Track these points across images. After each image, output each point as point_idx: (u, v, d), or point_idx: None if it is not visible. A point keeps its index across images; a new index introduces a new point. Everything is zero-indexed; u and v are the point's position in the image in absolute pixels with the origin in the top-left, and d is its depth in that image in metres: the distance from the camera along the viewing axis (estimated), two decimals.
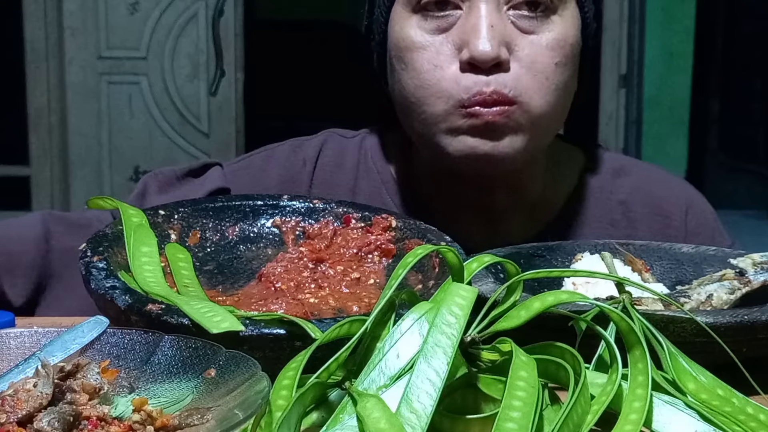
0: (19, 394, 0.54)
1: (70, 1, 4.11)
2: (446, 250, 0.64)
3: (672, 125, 5.26)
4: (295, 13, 5.93)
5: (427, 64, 0.91)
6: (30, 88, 4.24)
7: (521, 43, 0.91)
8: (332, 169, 1.06)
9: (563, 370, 0.58)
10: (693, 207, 1.08)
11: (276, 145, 1.09)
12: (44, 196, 4.30)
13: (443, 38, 0.91)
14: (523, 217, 1.03)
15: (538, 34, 0.91)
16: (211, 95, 4.23)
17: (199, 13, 4.19)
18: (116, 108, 4.21)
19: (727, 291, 0.78)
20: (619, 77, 4.88)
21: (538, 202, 1.03)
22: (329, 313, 0.78)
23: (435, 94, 0.91)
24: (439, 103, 0.91)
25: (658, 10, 4.98)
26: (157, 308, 0.69)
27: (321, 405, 0.57)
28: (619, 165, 1.09)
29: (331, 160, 1.06)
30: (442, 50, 0.91)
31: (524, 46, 0.91)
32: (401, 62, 0.94)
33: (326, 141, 1.08)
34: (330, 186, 1.05)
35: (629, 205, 1.06)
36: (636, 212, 1.05)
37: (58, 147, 4.26)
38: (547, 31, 0.92)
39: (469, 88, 0.90)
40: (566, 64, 0.93)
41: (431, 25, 0.92)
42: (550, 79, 0.91)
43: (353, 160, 1.06)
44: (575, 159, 1.08)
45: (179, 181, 1.04)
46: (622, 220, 1.05)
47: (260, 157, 1.08)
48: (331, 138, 1.09)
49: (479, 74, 0.89)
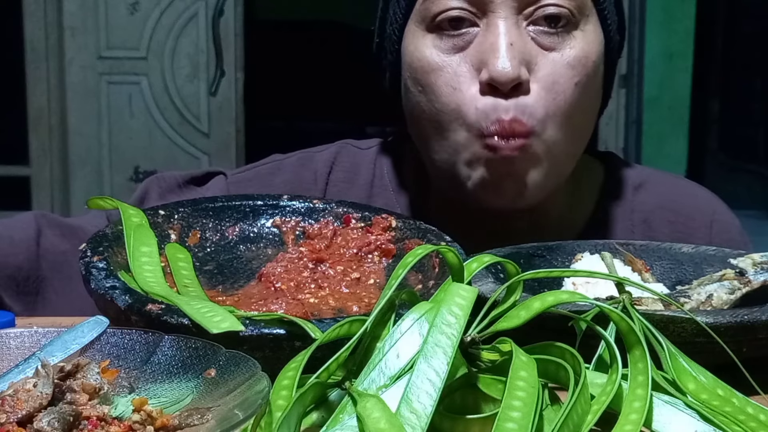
0: (19, 394, 0.54)
1: (70, 1, 4.11)
2: (446, 250, 0.64)
3: (672, 125, 5.26)
4: (295, 13, 5.93)
5: (445, 87, 0.88)
6: (30, 88, 4.24)
7: (541, 61, 0.88)
8: (345, 185, 1.03)
9: (563, 370, 0.58)
10: (718, 222, 1.05)
11: (284, 157, 1.06)
12: (44, 196, 4.30)
13: (460, 58, 0.88)
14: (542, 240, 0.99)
15: (559, 51, 0.88)
16: (211, 95, 4.23)
17: (199, 13, 4.19)
18: (116, 108, 4.21)
19: (727, 291, 0.78)
20: (619, 77, 4.87)
21: (557, 226, 1.00)
22: (329, 313, 0.78)
23: (455, 120, 0.88)
24: (460, 131, 0.88)
25: (658, 10, 4.98)
26: (157, 308, 0.69)
27: (321, 405, 0.57)
28: (640, 180, 1.05)
29: (344, 175, 1.03)
30: (460, 71, 0.88)
31: (545, 64, 0.88)
32: (418, 84, 0.90)
33: (339, 153, 1.04)
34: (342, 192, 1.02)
35: (651, 224, 1.03)
36: (658, 232, 1.02)
37: (58, 147, 4.26)
38: (569, 47, 0.89)
39: (489, 113, 0.86)
40: (587, 84, 0.90)
41: (447, 44, 0.89)
42: (568, 102, 0.88)
43: (367, 177, 1.03)
44: (595, 176, 1.05)
45: (181, 189, 1.02)
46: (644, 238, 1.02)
47: (267, 168, 1.05)
48: (345, 150, 1.05)
49: (499, 97, 0.86)
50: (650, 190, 1.04)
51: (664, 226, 1.03)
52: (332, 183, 1.02)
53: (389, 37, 0.95)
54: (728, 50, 5.74)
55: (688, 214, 1.04)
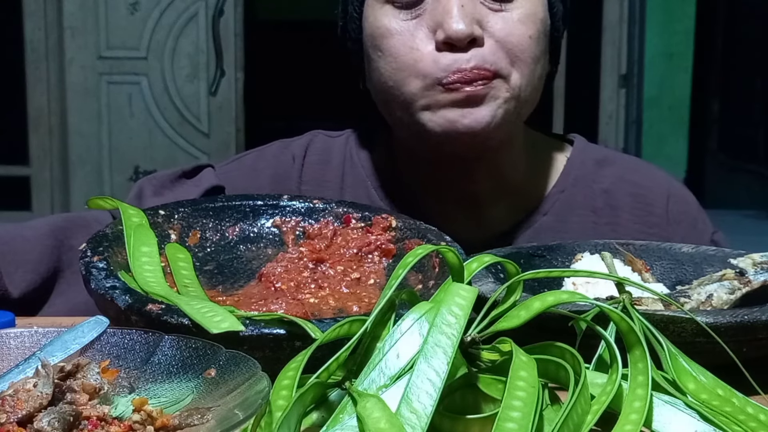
0: (19, 394, 0.54)
1: (70, 1, 4.11)
2: (446, 250, 0.64)
3: (672, 125, 5.27)
4: (295, 13, 5.93)
5: (403, 48, 0.93)
6: (30, 88, 4.24)
7: (493, 19, 0.93)
8: (320, 167, 1.07)
9: (563, 370, 0.58)
10: (674, 195, 1.09)
11: (265, 146, 1.12)
12: (44, 196, 4.30)
13: (417, 23, 0.93)
14: (507, 204, 1.04)
15: (508, 11, 0.94)
16: (211, 95, 4.23)
17: (199, 13, 4.19)
18: (116, 108, 4.22)
19: (727, 291, 0.78)
20: (619, 77, 4.88)
21: (522, 189, 1.04)
22: (329, 313, 0.78)
23: (413, 74, 0.93)
24: (416, 81, 0.93)
25: (658, 11, 4.99)
26: (157, 308, 0.69)
27: (321, 405, 0.57)
28: (602, 156, 1.10)
29: (318, 158, 1.08)
30: (417, 34, 0.93)
31: (496, 21, 0.93)
32: (377, 50, 0.96)
33: (312, 140, 1.10)
34: (319, 183, 1.07)
35: (612, 193, 1.07)
36: (618, 200, 1.07)
37: (58, 147, 4.27)
38: (516, 8, 0.94)
39: (449, 65, 0.91)
40: (539, 38, 0.95)
41: (403, 12, 0.94)
42: (525, 52, 0.94)
43: (339, 158, 1.08)
44: (558, 150, 1.09)
45: (173, 184, 1.06)
46: (605, 208, 1.06)
47: (251, 157, 1.11)
48: (317, 137, 1.11)
49: (457, 52, 0.91)
50: (611, 165, 1.09)
51: (625, 197, 1.07)
52: (307, 165, 1.07)
53: (351, 16, 1.01)
54: (728, 50, 5.74)
55: (646, 186, 1.08)
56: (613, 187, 1.07)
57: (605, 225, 1.05)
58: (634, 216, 1.06)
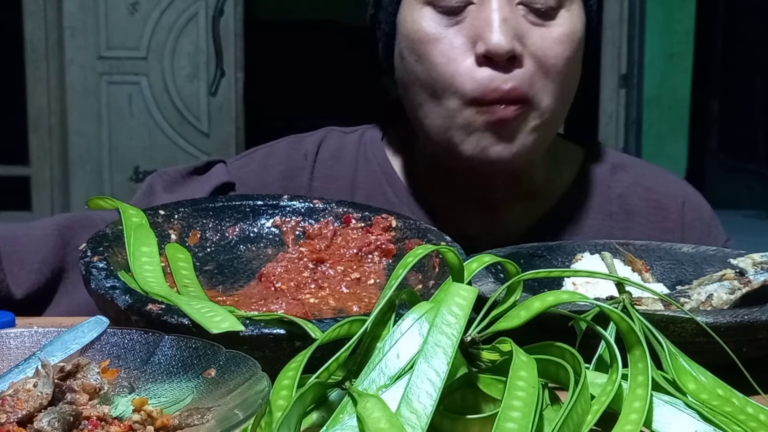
0: (19, 394, 0.54)
1: (70, 1, 4.11)
2: (446, 250, 0.64)
3: (672, 125, 5.26)
4: (295, 13, 5.93)
5: (441, 57, 0.91)
6: (30, 88, 4.24)
7: (533, 35, 0.91)
8: (332, 163, 1.06)
9: (563, 370, 0.58)
10: (689, 201, 1.09)
11: (276, 141, 1.11)
12: (44, 196, 4.30)
13: (456, 30, 0.92)
14: (523, 206, 1.04)
15: (548, 28, 0.92)
16: (211, 95, 4.23)
17: (199, 13, 4.19)
18: (116, 108, 4.21)
19: (727, 291, 0.78)
20: (619, 77, 4.88)
21: (538, 191, 1.05)
22: (329, 313, 0.78)
23: (449, 89, 0.91)
24: (453, 99, 0.91)
25: (658, 10, 4.99)
26: (157, 308, 0.69)
27: (321, 405, 0.57)
28: (618, 161, 1.10)
29: (330, 154, 1.07)
30: (455, 43, 0.91)
31: (536, 39, 0.91)
32: (414, 54, 0.93)
33: (326, 137, 1.09)
34: (330, 179, 1.06)
35: (627, 198, 1.07)
36: (633, 205, 1.06)
37: (58, 147, 4.27)
38: (557, 25, 0.93)
39: (486, 84, 0.90)
40: (574, 58, 0.94)
41: (443, 17, 0.92)
42: (561, 73, 0.93)
43: (352, 154, 1.07)
44: (575, 154, 1.09)
45: (184, 179, 1.05)
46: (620, 212, 1.06)
47: (262, 153, 1.09)
48: (331, 134, 1.10)
49: (495, 69, 0.90)
50: (627, 170, 1.09)
51: (640, 201, 1.07)
52: (320, 161, 1.06)
53: (384, 9, 0.98)
54: (728, 50, 5.74)
55: (661, 192, 1.08)
56: (628, 191, 1.07)
57: (620, 230, 1.05)
58: (649, 221, 1.06)
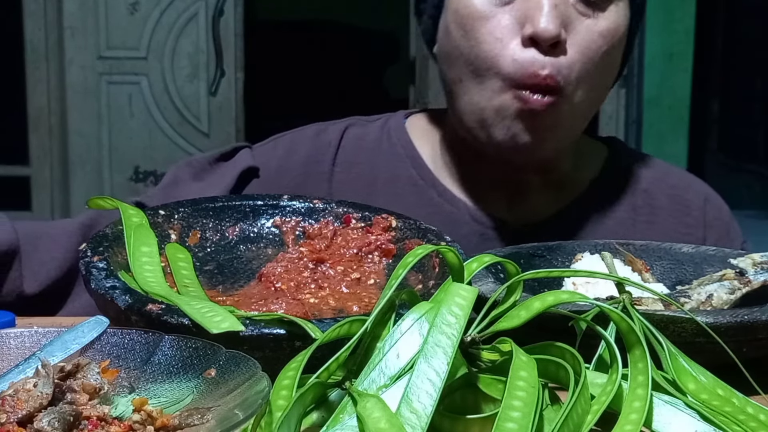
0: (19, 394, 0.54)
1: (70, 1, 4.11)
2: (446, 250, 0.64)
3: (672, 125, 5.26)
4: (295, 13, 5.93)
5: (488, 36, 0.93)
6: (30, 88, 4.24)
7: (578, 26, 0.93)
8: (354, 149, 1.07)
9: (563, 370, 0.58)
10: (710, 200, 1.11)
11: (302, 128, 1.12)
12: (44, 196, 4.30)
13: (506, 11, 0.93)
14: (549, 193, 1.05)
15: (594, 20, 0.94)
16: (211, 95, 4.23)
17: (199, 13, 4.19)
18: (116, 108, 4.21)
19: (727, 291, 0.78)
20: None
21: (565, 181, 1.06)
22: (329, 313, 0.78)
23: (492, 68, 0.93)
24: (495, 79, 0.93)
25: (658, 11, 4.98)
26: (157, 308, 0.69)
27: (321, 405, 0.57)
28: (640, 157, 1.13)
29: (353, 141, 1.08)
30: (504, 22, 0.93)
31: (581, 29, 0.93)
32: (461, 29, 0.95)
33: (350, 125, 1.10)
34: (352, 164, 1.07)
35: (651, 193, 1.08)
36: (658, 200, 1.08)
37: (58, 147, 4.26)
38: (603, 18, 0.95)
39: (526, 66, 0.92)
40: (613, 54, 0.96)
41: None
42: (598, 67, 0.95)
43: (375, 139, 1.08)
44: (599, 148, 1.11)
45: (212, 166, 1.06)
46: (645, 206, 1.07)
47: (287, 138, 1.11)
48: (355, 123, 1.11)
49: (538, 53, 0.92)
50: (650, 166, 1.11)
51: (664, 197, 1.08)
52: (342, 147, 1.07)
53: None
54: (728, 50, 5.74)
55: (684, 188, 1.10)
56: (652, 187, 1.09)
57: (643, 223, 1.06)
58: (672, 216, 1.08)
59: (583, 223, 1.04)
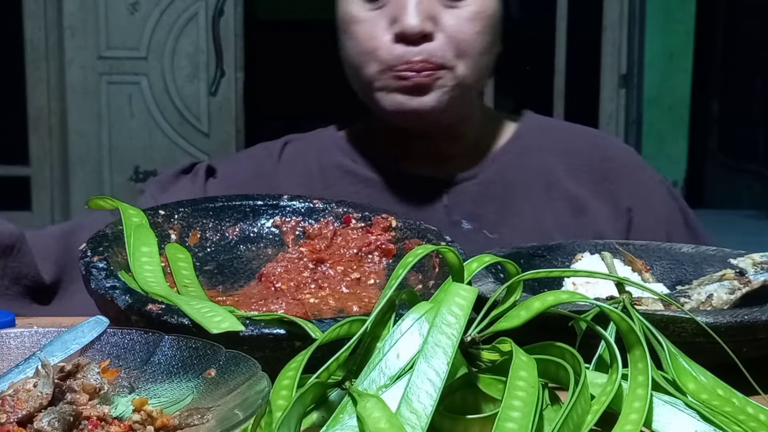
0: (19, 394, 0.54)
1: (70, 1, 4.11)
2: (446, 250, 0.64)
3: (672, 125, 5.26)
4: (295, 13, 5.92)
5: (365, 35, 1.07)
6: (30, 88, 4.24)
7: (445, 16, 1.05)
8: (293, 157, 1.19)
9: (563, 370, 0.58)
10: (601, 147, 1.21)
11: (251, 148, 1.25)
12: (44, 196, 4.30)
13: (379, 13, 1.06)
14: (467, 155, 1.16)
15: (460, 8, 1.06)
16: (211, 95, 4.23)
17: (199, 13, 4.19)
18: (116, 108, 4.21)
19: (727, 291, 0.78)
20: (619, 77, 4.88)
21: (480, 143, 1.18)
22: (329, 313, 0.78)
23: (372, 59, 1.06)
24: (374, 65, 1.06)
25: (658, 11, 4.98)
26: (157, 308, 0.69)
27: (321, 405, 0.57)
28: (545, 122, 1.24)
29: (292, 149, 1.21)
30: (378, 23, 1.06)
31: (448, 18, 1.05)
32: (345, 33, 1.10)
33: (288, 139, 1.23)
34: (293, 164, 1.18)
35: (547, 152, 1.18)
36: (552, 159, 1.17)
37: (58, 147, 4.26)
38: (468, 4, 1.06)
39: (401, 56, 1.04)
40: (486, 32, 1.07)
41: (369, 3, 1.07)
42: (472, 46, 1.06)
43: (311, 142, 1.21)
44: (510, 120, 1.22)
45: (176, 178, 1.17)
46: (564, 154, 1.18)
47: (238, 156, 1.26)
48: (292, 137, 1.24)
49: (409, 45, 1.04)
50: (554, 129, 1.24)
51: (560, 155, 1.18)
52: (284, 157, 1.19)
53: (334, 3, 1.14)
54: (728, 50, 5.74)
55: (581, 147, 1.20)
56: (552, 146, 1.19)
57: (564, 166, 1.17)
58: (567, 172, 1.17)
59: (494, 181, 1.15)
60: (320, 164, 1.16)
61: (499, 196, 1.13)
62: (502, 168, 1.15)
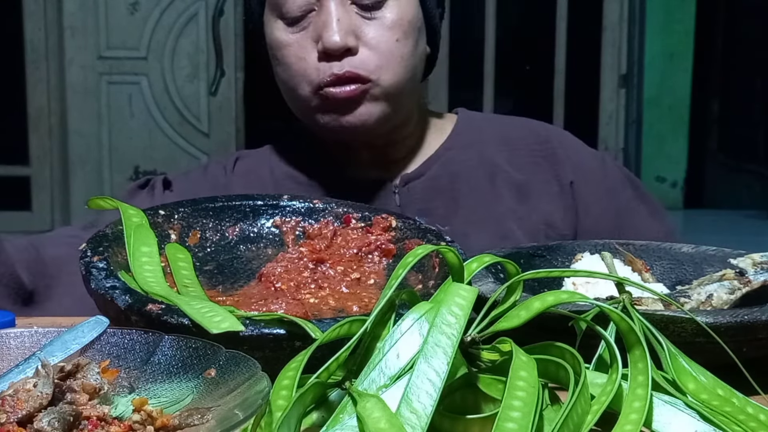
0: (19, 394, 0.54)
1: (70, 1, 4.11)
2: (446, 250, 0.64)
3: (672, 125, 5.27)
4: None
5: (293, 58, 1.10)
6: (30, 88, 4.24)
7: (366, 28, 1.08)
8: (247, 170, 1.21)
9: (563, 370, 0.58)
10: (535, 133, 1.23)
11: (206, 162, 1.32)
12: (44, 196, 4.31)
13: (303, 35, 1.09)
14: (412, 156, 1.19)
15: (379, 19, 1.08)
16: (211, 95, 4.23)
17: (199, 13, 4.19)
18: (116, 108, 4.22)
19: (727, 291, 0.78)
20: (619, 77, 4.88)
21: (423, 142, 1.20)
22: (329, 313, 0.78)
23: (302, 81, 1.09)
24: (305, 87, 1.09)
25: (658, 11, 4.99)
26: (157, 308, 0.69)
27: (321, 405, 0.57)
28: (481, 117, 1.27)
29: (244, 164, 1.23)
30: (304, 44, 1.09)
31: (369, 31, 1.08)
32: (275, 58, 1.13)
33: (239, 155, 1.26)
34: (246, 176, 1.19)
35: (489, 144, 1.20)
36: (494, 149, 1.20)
37: (58, 147, 4.27)
38: (386, 14, 1.08)
39: (326, 71, 1.07)
40: (407, 38, 1.09)
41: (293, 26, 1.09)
42: (394, 53, 1.08)
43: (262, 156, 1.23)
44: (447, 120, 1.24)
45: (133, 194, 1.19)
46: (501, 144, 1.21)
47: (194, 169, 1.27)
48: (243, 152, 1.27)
49: (333, 61, 1.07)
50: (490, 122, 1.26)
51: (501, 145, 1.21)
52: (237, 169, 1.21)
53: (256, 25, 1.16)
54: (728, 50, 5.74)
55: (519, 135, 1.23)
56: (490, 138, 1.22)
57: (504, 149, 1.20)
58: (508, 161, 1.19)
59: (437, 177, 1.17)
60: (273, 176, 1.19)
61: (446, 191, 1.16)
62: (447, 163, 1.18)
